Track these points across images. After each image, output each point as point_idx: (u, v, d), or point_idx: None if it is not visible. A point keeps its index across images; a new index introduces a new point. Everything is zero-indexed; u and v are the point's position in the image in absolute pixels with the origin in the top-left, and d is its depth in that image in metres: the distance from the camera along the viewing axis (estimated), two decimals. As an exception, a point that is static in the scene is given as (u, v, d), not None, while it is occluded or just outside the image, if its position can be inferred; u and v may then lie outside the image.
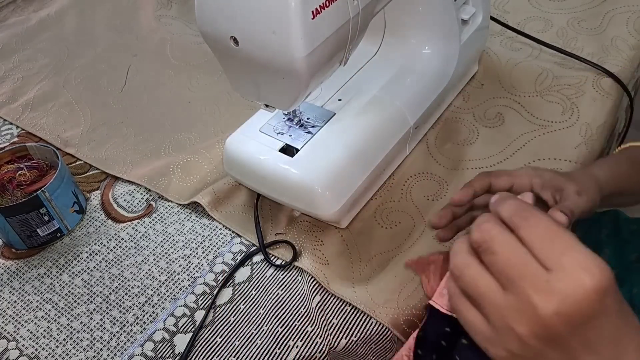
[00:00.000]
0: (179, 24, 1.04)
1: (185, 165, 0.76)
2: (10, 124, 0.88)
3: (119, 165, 0.78)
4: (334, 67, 0.59)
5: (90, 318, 0.62)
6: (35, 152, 0.74)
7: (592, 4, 0.93)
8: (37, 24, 1.07)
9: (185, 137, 0.81)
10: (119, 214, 0.73)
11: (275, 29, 0.50)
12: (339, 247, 0.65)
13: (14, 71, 0.97)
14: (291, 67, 0.52)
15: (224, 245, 0.68)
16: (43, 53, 1.00)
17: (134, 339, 0.60)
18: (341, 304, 0.60)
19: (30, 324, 0.62)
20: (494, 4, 0.97)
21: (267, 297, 0.62)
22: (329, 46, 0.54)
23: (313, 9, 0.49)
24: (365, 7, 0.55)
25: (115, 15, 1.07)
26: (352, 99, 0.69)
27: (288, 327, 0.59)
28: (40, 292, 0.65)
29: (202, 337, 0.60)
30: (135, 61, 0.96)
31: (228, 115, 0.84)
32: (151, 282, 0.65)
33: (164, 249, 0.68)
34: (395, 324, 0.58)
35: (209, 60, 0.93)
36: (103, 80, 0.93)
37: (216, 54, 0.58)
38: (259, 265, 0.65)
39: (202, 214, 0.71)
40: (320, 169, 0.62)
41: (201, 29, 0.56)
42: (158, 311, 0.62)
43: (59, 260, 0.68)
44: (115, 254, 0.68)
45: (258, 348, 0.58)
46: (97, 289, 0.65)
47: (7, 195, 0.69)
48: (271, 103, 0.60)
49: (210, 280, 0.64)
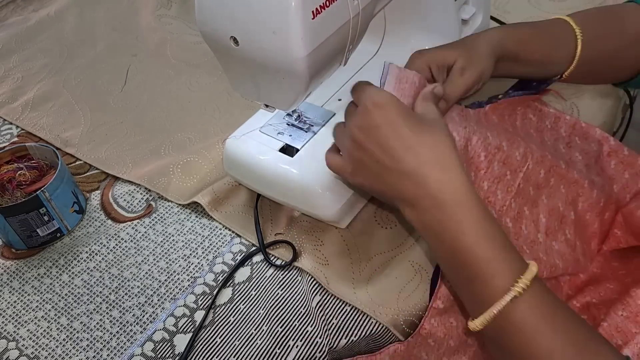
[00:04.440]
0: (179, 23, 1.04)
1: (185, 165, 0.76)
2: (10, 123, 0.88)
3: (119, 165, 0.78)
4: (334, 67, 0.59)
5: (90, 318, 0.62)
6: (35, 152, 0.74)
7: (591, 4, 0.93)
8: (37, 23, 1.07)
9: (185, 137, 0.81)
10: (119, 214, 0.73)
11: (275, 29, 0.50)
12: (339, 247, 0.65)
13: (13, 71, 0.97)
14: (291, 67, 0.52)
15: (223, 245, 0.68)
16: (43, 53, 1.00)
17: (134, 339, 0.60)
18: (341, 304, 0.60)
19: (30, 324, 0.62)
20: (494, 4, 0.97)
21: (267, 297, 0.62)
22: (329, 46, 0.54)
23: (313, 9, 0.49)
24: (365, 7, 0.55)
25: (115, 15, 1.07)
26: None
27: (288, 327, 0.59)
28: (40, 292, 0.65)
29: (202, 337, 0.60)
30: (135, 61, 0.96)
31: (228, 115, 0.84)
32: (151, 282, 0.65)
33: (163, 249, 0.68)
34: (395, 324, 0.58)
35: (209, 60, 0.93)
36: (103, 80, 0.93)
37: (216, 54, 0.58)
38: (259, 266, 0.65)
39: (202, 214, 0.71)
40: (320, 169, 0.62)
41: (201, 29, 0.56)
42: (158, 311, 0.62)
43: (59, 260, 0.68)
44: (115, 254, 0.68)
45: (258, 348, 0.58)
46: (97, 289, 0.65)
47: (7, 195, 0.69)
48: (271, 103, 0.60)
49: (210, 281, 0.64)
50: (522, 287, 0.44)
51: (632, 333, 0.55)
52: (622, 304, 0.58)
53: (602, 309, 0.60)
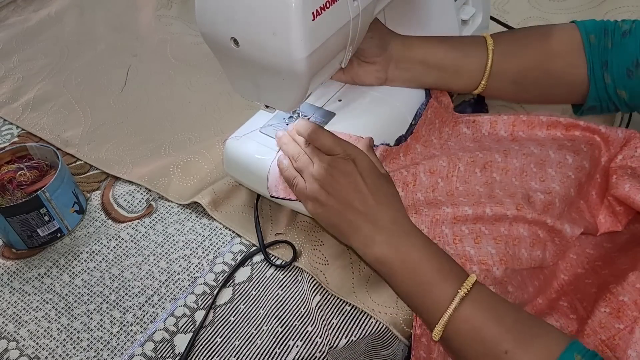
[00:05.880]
0: (179, 24, 1.04)
1: (185, 165, 0.76)
2: (10, 124, 0.88)
3: (119, 165, 0.78)
4: (334, 67, 0.60)
5: (91, 318, 0.62)
6: (35, 152, 0.74)
7: (591, 4, 0.93)
8: (37, 23, 1.07)
9: (185, 137, 0.81)
10: (119, 214, 0.73)
11: (275, 30, 0.50)
12: (339, 247, 0.65)
13: (14, 71, 0.97)
14: (291, 68, 0.52)
15: (224, 245, 0.68)
16: (43, 53, 1.00)
17: (134, 339, 0.60)
18: (341, 304, 0.60)
19: (30, 324, 0.63)
20: (494, 4, 0.97)
21: (267, 297, 0.62)
22: (329, 47, 0.54)
23: (313, 10, 0.49)
24: (365, 8, 0.55)
25: (115, 15, 1.07)
26: (352, 100, 0.70)
27: (288, 327, 0.59)
28: (41, 292, 0.65)
29: (202, 337, 0.60)
30: (135, 61, 0.97)
31: (228, 115, 0.84)
32: (151, 282, 0.65)
33: (164, 249, 0.68)
34: (394, 324, 0.58)
35: (209, 60, 0.93)
36: (103, 80, 0.93)
37: (216, 55, 0.58)
38: (259, 265, 0.65)
39: (202, 214, 0.71)
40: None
41: (201, 30, 0.56)
42: (158, 311, 0.62)
43: (59, 260, 0.68)
44: (116, 254, 0.68)
45: (258, 348, 0.58)
46: (98, 289, 0.65)
47: (8, 195, 0.69)
48: (271, 104, 0.60)
49: (211, 280, 0.65)
50: (467, 288, 0.52)
51: (615, 329, 0.56)
52: (604, 300, 0.59)
53: (587, 306, 0.61)
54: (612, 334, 0.56)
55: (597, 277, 0.64)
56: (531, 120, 0.69)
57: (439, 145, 0.69)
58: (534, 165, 0.65)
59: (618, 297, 0.58)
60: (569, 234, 0.62)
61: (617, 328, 0.56)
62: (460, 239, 0.60)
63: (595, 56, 0.64)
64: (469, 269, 0.58)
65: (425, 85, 0.70)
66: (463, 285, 0.52)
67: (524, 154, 0.65)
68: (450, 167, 0.65)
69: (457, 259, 0.58)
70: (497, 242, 0.60)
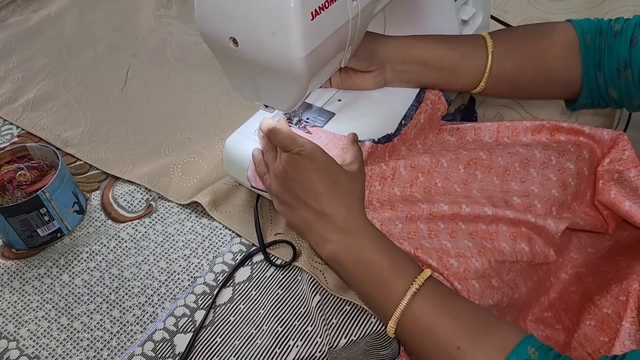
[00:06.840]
0: (179, 24, 1.04)
1: (185, 165, 0.76)
2: (10, 124, 0.88)
3: (119, 165, 0.78)
4: (333, 67, 0.60)
5: (91, 318, 0.63)
6: (35, 152, 0.74)
7: (591, 4, 0.93)
8: (37, 23, 1.07)
9: (185, 137, 0.81)
10: (119, 214, 0.73)
11: (274, 30, 0.50)
12: (338, 247, 0.65)
13: (14, 71, 0.97)
14: (291, 68, 0.52)
15: (224, 245, 0.68)
16: (43, 53, 1.00)
17: (134, 339, 0.60)
18: (341, 304, 0.60)
19: (30, 324, 0.63)
20: (494, 4, 0.97)
21: (267, 297, 0.62)
22: (328, 47, 0.54)
23: (312, 10, 0.49)
24: (364, 7, 0.55)
25: (115, 15, 1.07)
26: (352, 100, 0.70)
27: (288, 327, 0.59)
28: (41, 292, 0.65)
29: (202, 337, 0.60)
30: (135, 61, 0.97)
31: (228, 115, 0.84)
32: (151, 282, 0.65)
33: (164, 249, 0.68)
34: (394, 324, 0.58)
35: (209, 60, 0.94)
36: (103, 80, 0.93)
37: (216, 55, 0.58)
38: (259, 265, 0.65)
39: (202, 214, 0.71)
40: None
41: (201, 29, 0.56)
42: (158, 311, 0.62)
43: (59, 260, 0.68)
44: (116, 254, 0.68)
45: (258, 348, 0.58)
46: (97, 289, 0.65)
47: (8, 195, 0.69)
48: (271, 104, 0.60)
49: (210, 280, 0.65)
50: (418, 284, 0.52)
51: (600, 342, 0.56)
52: (589, 313, 0.59)
53: (572, 317, 0.61)
54: (597, 347, 0.57)
55: (581, 285, 0.64)
56: (515, 126, 0.69)
57: (422, 150, 0.69)
58: (518, 164, 0.65)
59: (602, 310, 0.58)
60: (553, 229, 0.61)
61: (602, 341, 0.57)
62: (436, 234, 0.60)
63: (590, 57, 0.64)
64: (447, 262, 0.57)
65: (425, 85, 0.70)
66: (415, 281, 0.52)
67: (510, 152, 0.65)
68: (432, 162, 0.65)
69: (434, 252, 0.58)
70: (473, 236, 0.60)
